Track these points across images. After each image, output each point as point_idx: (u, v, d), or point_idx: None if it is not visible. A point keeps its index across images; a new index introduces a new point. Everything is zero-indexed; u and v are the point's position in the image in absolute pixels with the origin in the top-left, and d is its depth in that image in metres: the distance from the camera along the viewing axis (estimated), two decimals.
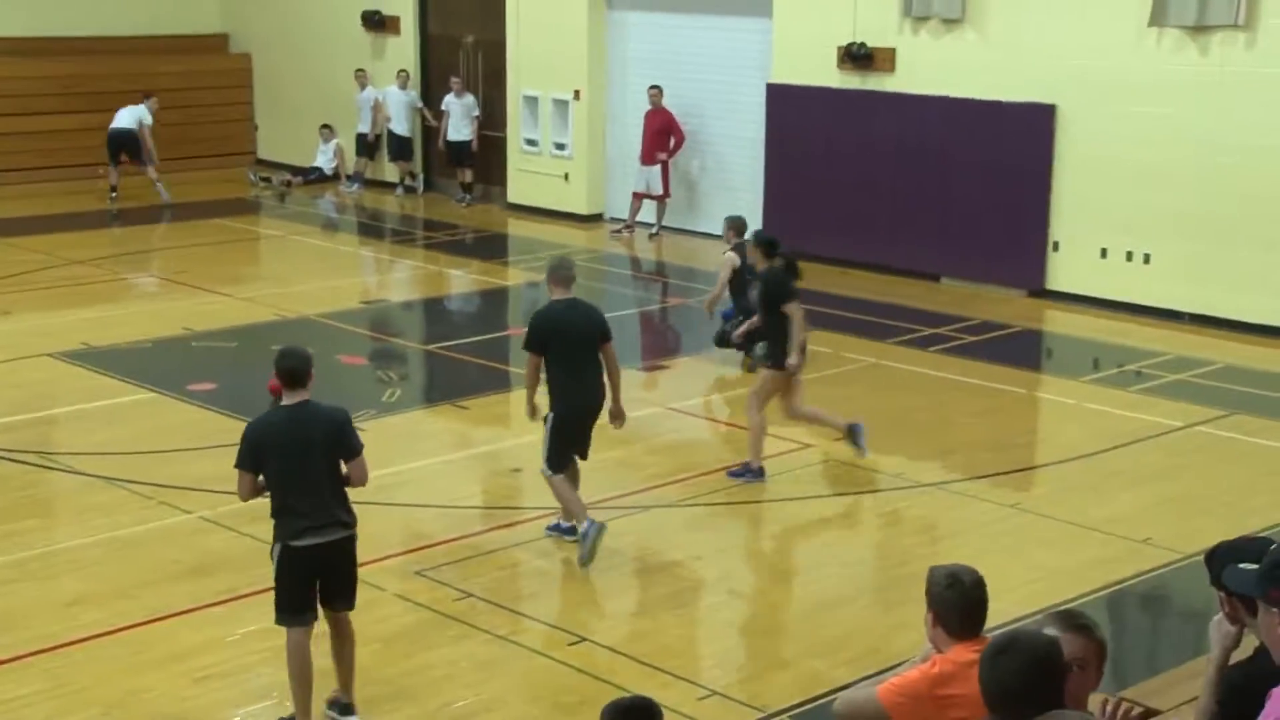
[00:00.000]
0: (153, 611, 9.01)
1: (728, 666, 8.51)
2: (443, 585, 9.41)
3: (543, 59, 21.66)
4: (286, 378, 7.65)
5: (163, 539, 10.15)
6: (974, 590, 5.45)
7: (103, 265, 18.45)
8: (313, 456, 7.62)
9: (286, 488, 7.62)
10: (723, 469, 11.62)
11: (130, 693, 8.09)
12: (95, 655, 8.50)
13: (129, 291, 17.21)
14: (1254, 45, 15.33)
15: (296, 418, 7.63)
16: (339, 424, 7.77)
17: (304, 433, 7.61)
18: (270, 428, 7.66)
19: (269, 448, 7.60)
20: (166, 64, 24.91)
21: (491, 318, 17.41)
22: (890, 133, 18.01)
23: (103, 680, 8.22)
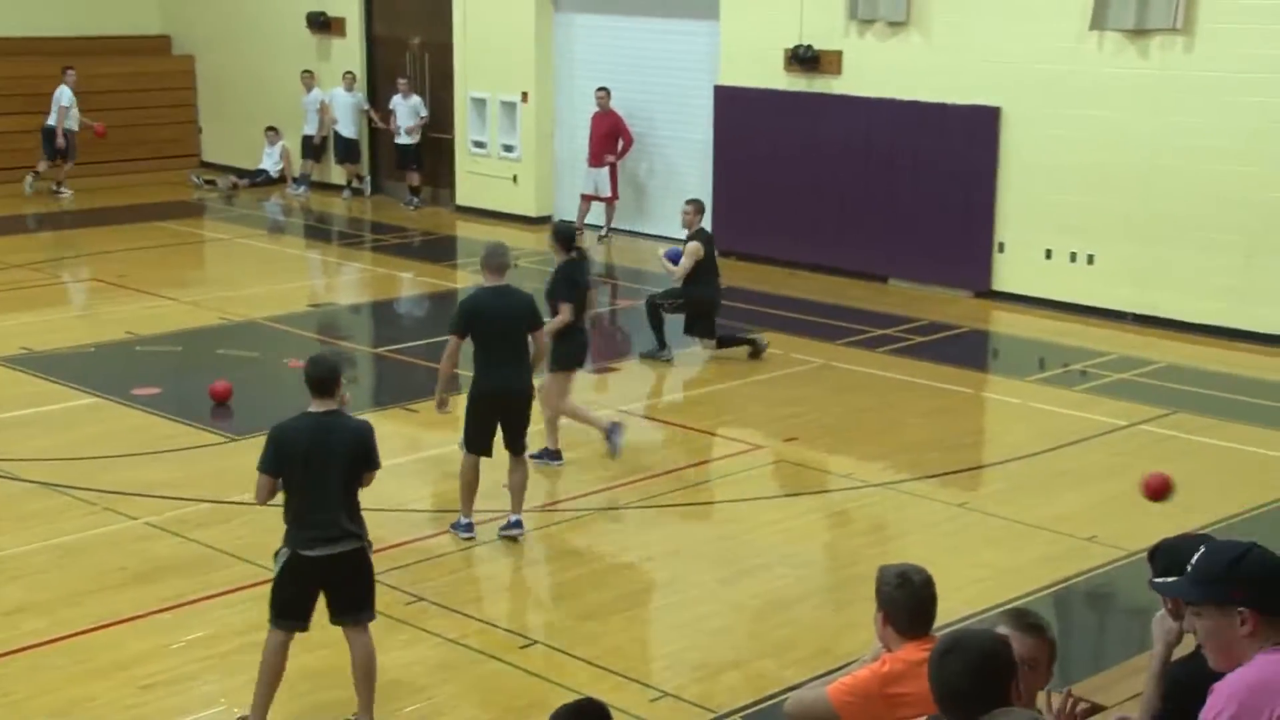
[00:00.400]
0: (97, 619, 8.94)
1: (679, 668, 8.51)
2: (393, 589, 9.35)
3: (490, 61, 21.63)
4: (315, 386, 7.63)
5: (107, 545, 10.07)
6: (923, 589, 5.49)
7: (42, 269, 18.31)
8: (334, 466, 7.54)
9: (304, 495, 7.54)
10: (674, 470, 11.65)
11: (74, 702, 8.03)
12: (38, 664, 8.44)
13: (70, 295, 17.06)
14: (1192, 49, 15.49)
15: (324, 426, 7.56)
16: (363, 437, 7.70)
17: (329, 442, 7.54)
18: (296, 433, 7.58)
19: (293, 453, 7.51)
20: (107, 65, 24.70)
21: (440, 320, 17.19)
22: (837, 135, 18.09)
23: (46, 689, 8.15)
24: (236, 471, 11.50)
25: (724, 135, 19.19)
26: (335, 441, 7.55)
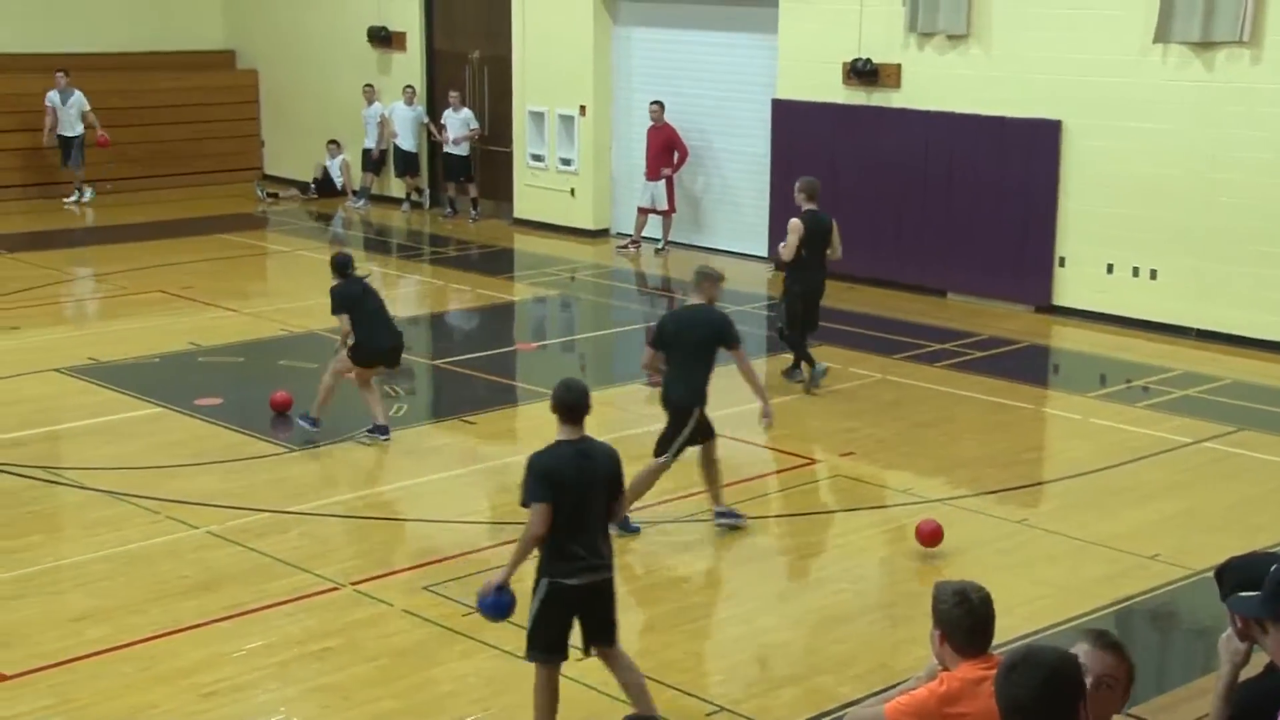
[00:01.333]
0: (159, 627, 9.00)
1: (736, 682, 8.49)
2: (450, 600, 9.39)
3: (548, 74, 21.69)
4: (568, 413, 7.40)
5: (169, 554, 10.14)
6: (981, 607, 5.43)
7: (109, 280, 18.49)
8: (596, 494, 7.40)
9: (570, 524, 7.30)
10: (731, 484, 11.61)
11: (137, 709, 8.08)
12: (101, 671, 8.49)
13: (135, 306, 17.19)
14: (1259, 61, 15.33)
15: (584, 453, 7.40)
16: (617, 462, 7.56)
17: (593, 469, 7.39)
18: (561, 461, 7.34)
19: (561, 483, 7.29)
20: (172, 80, 25.03)
21: (498, 333, 17.40)
22: (896, 148, 18.02)
23: (109, 696, 8.21)
24: (295, 482, 11.64)
25: (781, 149, 19.14)
26: (598, 468, 7.40)
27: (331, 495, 11.38)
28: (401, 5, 23.44)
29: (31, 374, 14.13)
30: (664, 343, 10.64)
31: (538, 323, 18.20)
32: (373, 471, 12.14)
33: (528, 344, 16.77)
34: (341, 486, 11.63)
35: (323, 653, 8.72)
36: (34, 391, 13.76)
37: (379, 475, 12.08)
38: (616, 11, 21.20)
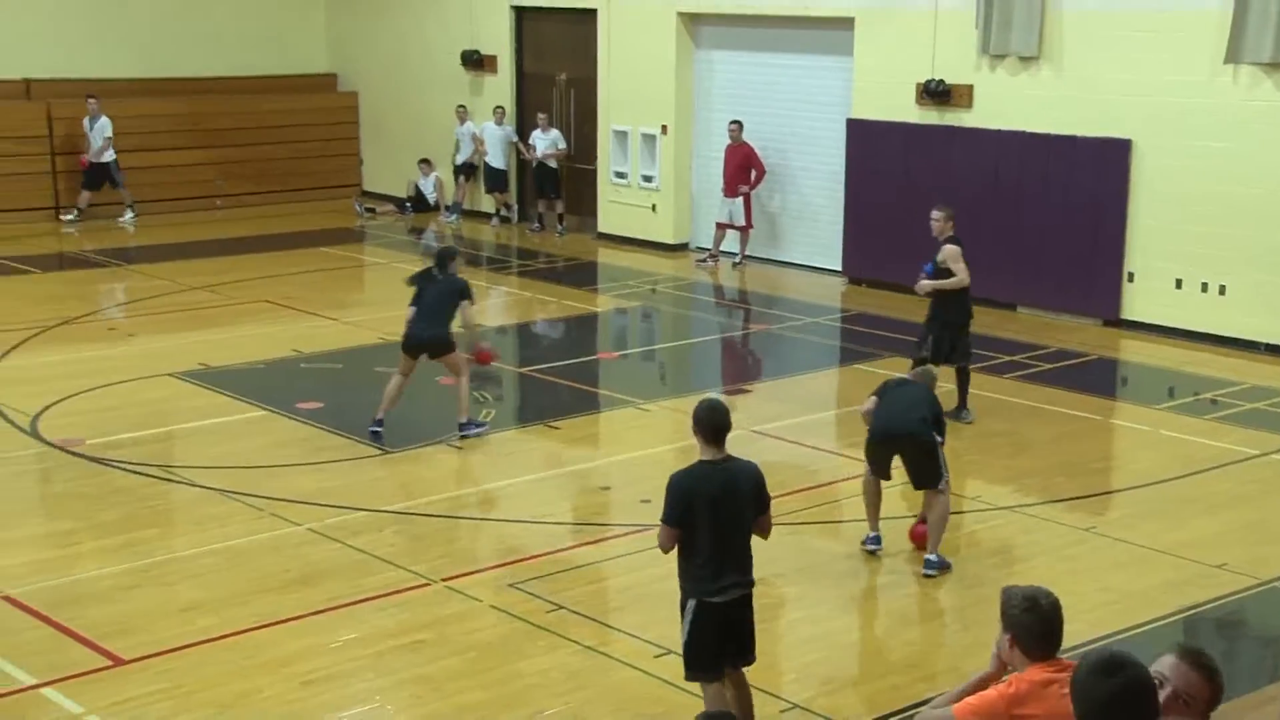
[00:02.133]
0: (262, 618, 9.11)
1: (808, 680, 8.46)
2: (534, 598, 9.44)
3: (632, 95, 21.76)
4: (712, 433, 7.25)
5: (272, 549, 10.26)
6: (1051, 612, 5.39)
7: (218, 291, 18.71)
8: (741, 511, 7.32)
9: (715, 542, 7.18)
10: (804, 489, 11.59)
11: (241, 695, 8.18)
12: (207, 659, 8.60)
13: (242, 315, 17.41)
14: None
15: (727, 470, 7.26)
16: (759, 479, 7.37)
17: (735, 487, 7.25)
18: (702, 481, 7.21)
19: (699, 502, 7.18)
20: (278, 102, 25.32)
21: (582, 342, 17.46)
22: (968, 166, 17.90)
23: (215, 683, 8.31)
24: (391, 482, 11.75)
25: (856, 167, 19.10)
26: (742, 487, 7.26)
27: (423, 496, 11.45)
28: (493, 30, 23.58)
29: (147, 378, 14.34)
30: None
31: (619, 333, 18.24)
32: (462, 473, 12.23)
33: (610, 353, 16.81)
34: (433, 487, 11.71)
35: (414, 645, 8.79)
36: (150, 395, 13.97)
37: (468, 477, 12.17)
38: (698, 35, 21.22)
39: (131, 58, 23.98)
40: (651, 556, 10.11)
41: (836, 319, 18.00)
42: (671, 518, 7.15)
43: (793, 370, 15.93)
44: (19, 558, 10.02)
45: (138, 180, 23.64)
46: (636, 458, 12.48)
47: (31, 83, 23.33)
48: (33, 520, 10.93)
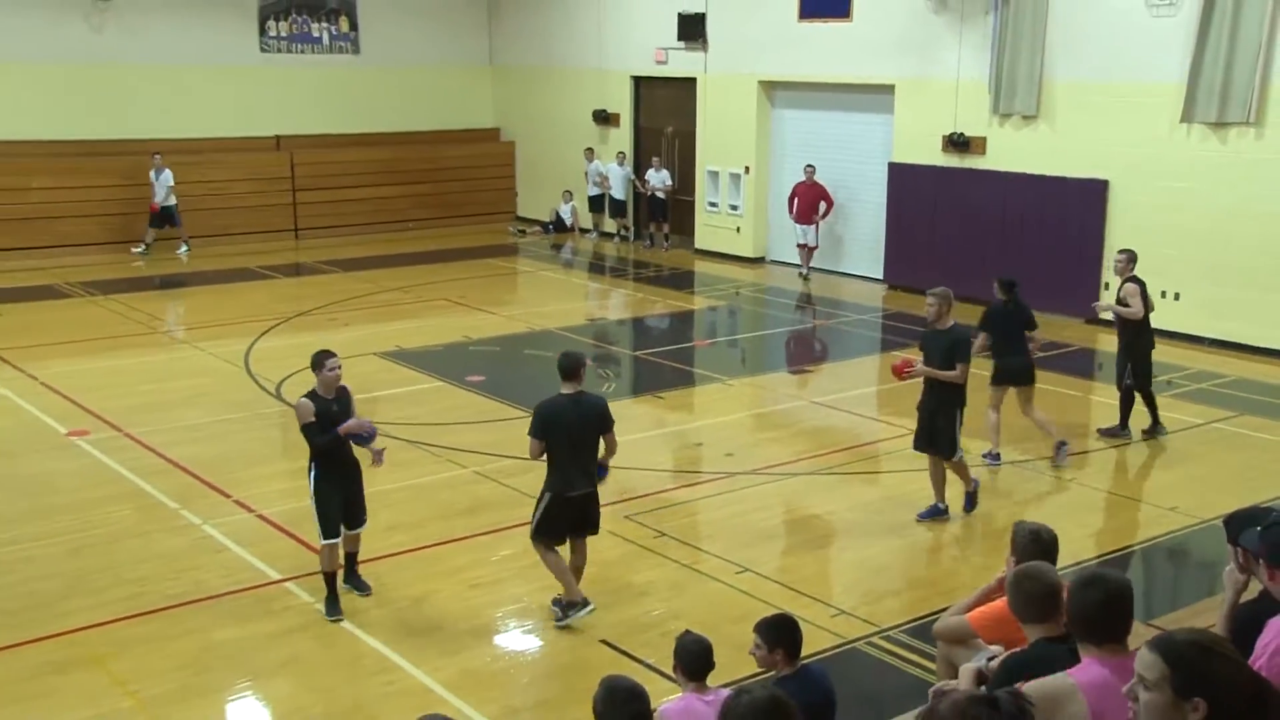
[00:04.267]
0: (440, 537, 9.28)
1: (853, 593, 8.45)
2: (644, 526, 9.52)
3: (722, 143, 21.68)
4: (567, 373, 7.71)
5: (447, 486, 10.43)
6: (1050, 544, 5.37)
7: (409, 291, 18.98)
8: (590, 433, 7.72)
9: (570, 455, 7.69)
10: (853, 446, 11.53)
11: (426, 593, 8.35)
12: (400, 565, 8.79)
13: (427, 310, 17.67)
14: (1262, 137, 14.72)
15: (579, 402, 7.72)
16: (604, 409, 7.83)
17: (585, 414, 7.70)
18: (559, 409, 7.68)
19: (557, 425, 7.62)
20: (454, 150, 25.53)
21: (681, 332, 17.49)
22: (981, 200, 17.66)
23: (407, 583, 8.49)
24: None
25: (895, 199, 18.89)
26: (590, 415, 7.72)
27: None
28: (617, 94, 23.61)
29: (357, 357, 14.48)
30: None
31: (710, 325, 18.25)
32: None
33: (703, 340, 16.83)
34: None
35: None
36: (359, 370, 14.11)
37: None
38: (774, 98, 21.08)
39: (349, 117, 24.30)
40: (735, 496, 10.19)
41: (879, 316, 17.86)
42: (535, 432, 7.67)
43: (844, 356, 15.86)
44: (269, 487, 10.28)
45: (352, 210, 24.05)
46: (722, 422, 12.52)
47: (280, 138, 23.78)
48: (277, 460, 11.20)
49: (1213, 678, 3.06)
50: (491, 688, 7.11)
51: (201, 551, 9.00)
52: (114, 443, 11.44)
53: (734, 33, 21.08)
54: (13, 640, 7.65)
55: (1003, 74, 17.17)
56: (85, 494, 10.16)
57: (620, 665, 7.13)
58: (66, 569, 8.69)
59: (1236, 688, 3.19)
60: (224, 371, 14.10)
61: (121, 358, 14.77)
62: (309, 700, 6.90)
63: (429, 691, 7.03)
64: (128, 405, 12.58)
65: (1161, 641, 3.18)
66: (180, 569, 8.68)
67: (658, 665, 7.12)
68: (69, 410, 12.45)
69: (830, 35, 19.53)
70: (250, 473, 10.66)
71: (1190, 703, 3.05)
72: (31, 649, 7.56)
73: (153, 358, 14.82)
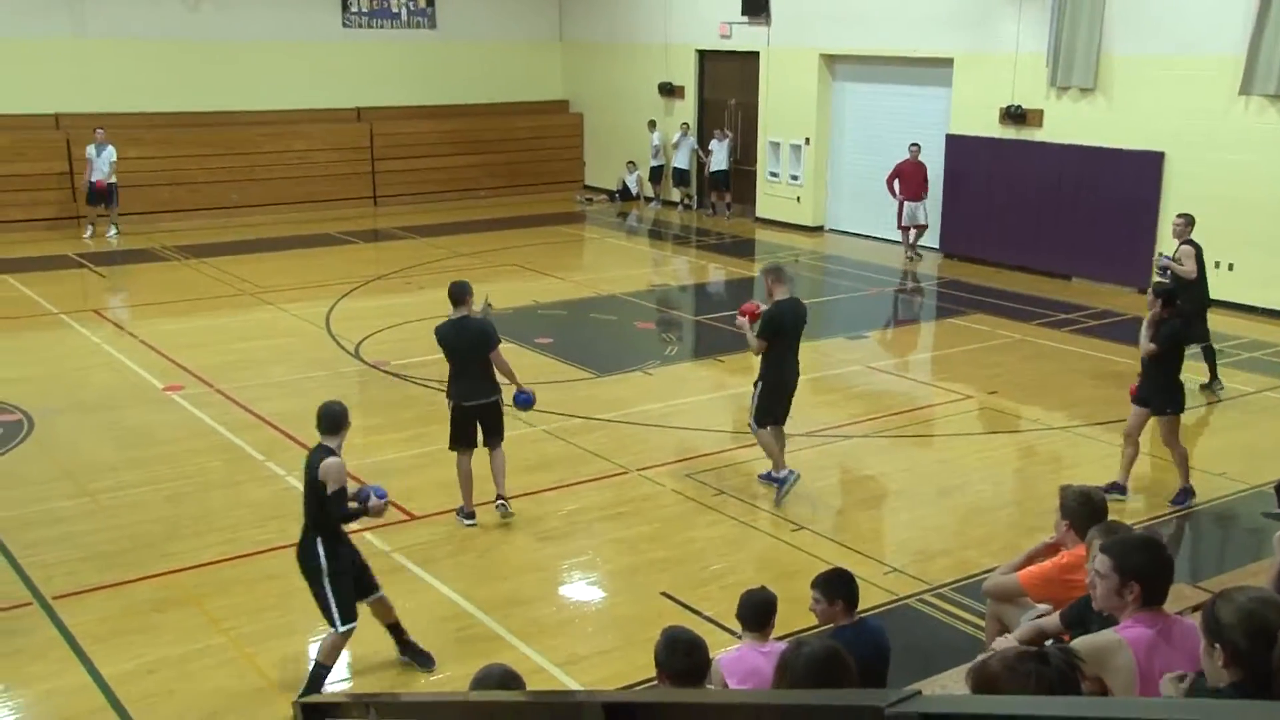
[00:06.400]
0: (510, 491, 9.29)
1: (904, 552, 8.42)
2: (703, 485, 9.53)
3: (783, 115, 21.46)
4: (453, 299, 8.67)
5: (518, 444, 10.35)
6: (1100, 505, 5.32)
7: (480, 256, 19.09)
8: (473, 350, 8.59)
9: (461, 368, 8.66)
10: (906, 410, 11.44)
11: (496, 543, 8.45)
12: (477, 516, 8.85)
13: (498, 274, 17.75)
14: None
15: (463, 325, 8.62)
16: (487, 330, 8.69)
17: (468, 335, 8.58)
18: (447, 331, 8.65)
19: (447, 345, 8.63)
20: (524, 121, 25.53)
21: (742, 297, 17.21)
22: (1037, 171, 17.33)
23: (477, 535, 8.58)
24: (601, 399, 11.90)
25: (952, 170, 18.59)
26: (473, 336, 8.56)
27: (625, 408, 11.56)
28: (682, 67, 23.44)
29: (430, 319, 14.42)
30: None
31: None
32: (652, 393, 12.29)
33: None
34: (630, 402, 11.79)
35: (616, 516, 8.95)
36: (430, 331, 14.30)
37: (657, 395, 12.24)
38: (834, 71, 20.81)
39: (426, 90, 24.38)
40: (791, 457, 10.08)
41: (935, 284, 17.64)
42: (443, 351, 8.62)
43: (899, 322, 15.71)
44: (352, 442, 10.32)
45: (427, 178, 24.16)
46: None
47: (361, 110, 23.93)
48: (356, 416, 11.12)
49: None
50: (557, 636, 7.19)
51: (285, 501, 9.15)
52: (206, 397, 11.67)
53: (796, 8, 20.81)
54: (119, 579, 7.87)
55: (1061, 48, 16.79)
56: (181, 445, 10.38)
57: (680, 617, 7.15)
58: (166, 514, 8.91)
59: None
60: (306, 331, 14.29)
61: (213, 318, 15.03)
62: (385, 644, 7.02)
63: (498, 638, 7.12)
64: (218, 362, 12.81)
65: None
66: (266, 517, 8.85)
67: (716, 618, 7.15)
68: (165, 366, 12.71)
69: (891, 10, 19.20)
70: None
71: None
72: (135, 587, 7.77)
73: (241, 318, 15.07)
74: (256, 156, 22.36)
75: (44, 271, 17.47)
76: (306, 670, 6.79)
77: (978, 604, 7.12)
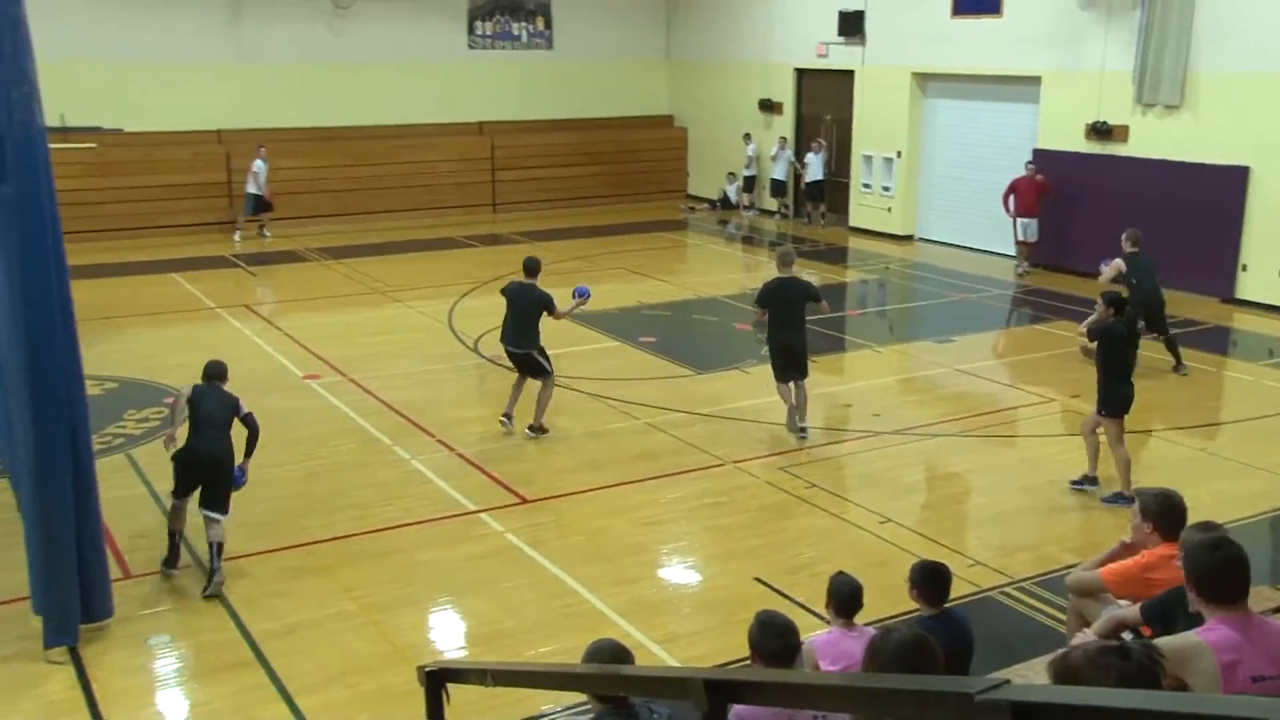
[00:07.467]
0: (616, 479, 9.39)
1: (988, 546, 8.26)
2: (796, 478, 9.47)
3: (876, 130, 21.17)
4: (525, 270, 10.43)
5: (622, 435, 10.52)
6: (1180, 506, 5.16)
7: (589, 259, 19.19)
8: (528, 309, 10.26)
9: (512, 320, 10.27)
10: (991, 411, 11.22)
11: (601, 528, 8.48)
12: (579, 502, 8.94)
13: (605, 276, 17.83)
14: None
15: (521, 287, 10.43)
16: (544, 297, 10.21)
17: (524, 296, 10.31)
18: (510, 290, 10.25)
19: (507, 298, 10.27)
20: (633, 134, 25.62)
21: (834, 302, 17.14)
22: (1122, 185, 16.81)
23: (585, 519, 8.65)
24: (701, 395, 11.88)
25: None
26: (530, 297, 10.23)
27: (722, 404, 11.54)
28: (781, 84, 23.27)
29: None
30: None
31: (862, 296, 17.93)
32: (749, 390, 12.24)
33: (854, 310, 16.56)
34: (729, 398, 11.76)
35: (714, 505, 8.94)
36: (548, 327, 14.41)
37: (753, 392, 12.18)
38: (925, 88, 20.46)
39: (542, 105, 24.65)
40: (880, 453, 10.03)
41: (1021, 292, 17.23)
42: None
43: (985, 327, 15.38)
44: (467, 430, 10.60)
45: (543, 187, 24.38)
46: (870, 385, 12.33)
47: (483, 124, 24.29)
48: (474, 406, 11.53)
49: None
50: (657, 615, 7.21)
51: (410, 483, 9.36)
52: (340, 386, 11.97)
53: (890, 28, 20.52)
54: (262, 548, 8.13)
55: (1148, 66, 16.26)
56: (317, 429, 10.67)
57: (773, 601, 7.12)
58: (304, 491, 9.17)
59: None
60: (431, 327, 14.56)
61: (348, 313, 15.41)
62: (497, 616, 7.13)
63: (602, 615, 7.17)
64: (352, 354, 13.13)
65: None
66: (393, 496, 9.05)
67: (807, 603, 7.10)
68: (305, 357, 13.07)
69: (981, 30, 18.82)
70: (450, 416, 11.00)
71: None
72: (276, 556, 8.02)
73: (373, 314, 15.41)
74: (389, 166, 22.87)
75: (205, 270, 18.10)
76: (428, 639, 6.95)
77: (1058, 598, 6.95)
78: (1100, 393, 8.97)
